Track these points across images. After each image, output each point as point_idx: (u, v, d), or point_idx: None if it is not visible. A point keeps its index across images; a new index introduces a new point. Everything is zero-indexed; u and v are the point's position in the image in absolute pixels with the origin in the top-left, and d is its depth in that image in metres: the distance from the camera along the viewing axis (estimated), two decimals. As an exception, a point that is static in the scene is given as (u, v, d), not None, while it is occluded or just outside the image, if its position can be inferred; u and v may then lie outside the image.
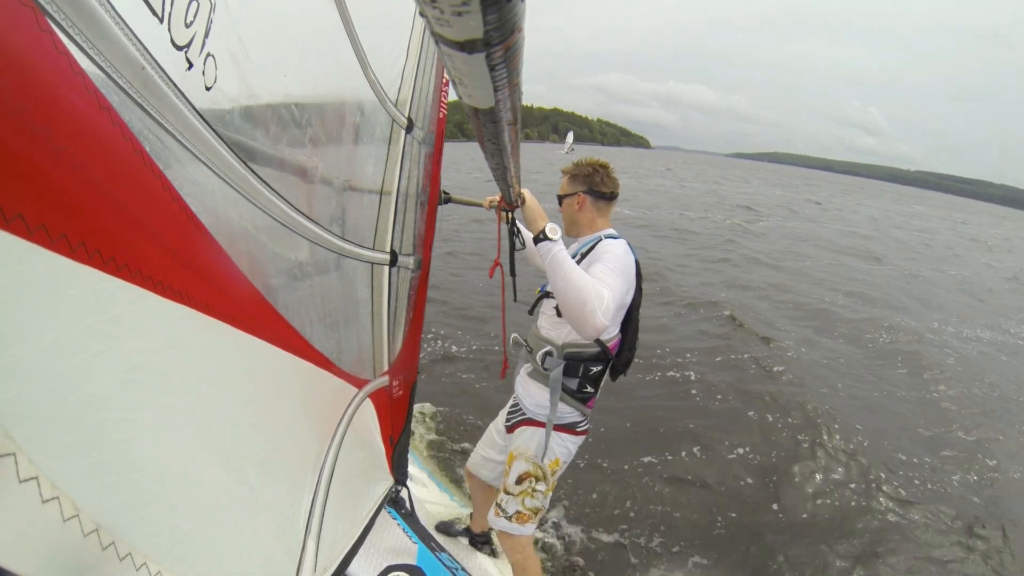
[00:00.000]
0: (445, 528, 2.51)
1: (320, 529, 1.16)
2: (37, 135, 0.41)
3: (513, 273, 1.97)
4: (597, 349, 1.72)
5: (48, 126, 0.43)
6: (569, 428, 1.80)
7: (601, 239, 1.70)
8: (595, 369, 1.76)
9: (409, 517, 2.37)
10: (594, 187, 1.72)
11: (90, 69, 0.49)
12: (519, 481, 1.81)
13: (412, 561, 2.09)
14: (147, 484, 0.59)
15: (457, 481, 3.20)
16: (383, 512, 2.29)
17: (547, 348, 1.75)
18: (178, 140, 0.65)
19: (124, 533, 0.54)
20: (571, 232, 1.80)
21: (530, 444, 1.81)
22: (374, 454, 1.94)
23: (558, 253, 1.48)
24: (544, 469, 1.80)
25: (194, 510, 0.70)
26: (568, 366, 1.73)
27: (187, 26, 0.63)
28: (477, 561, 2.47)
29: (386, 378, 1.93)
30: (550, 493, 1.86)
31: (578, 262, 1.64)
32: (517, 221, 1.87)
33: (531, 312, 1.93)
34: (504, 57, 0.42)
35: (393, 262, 1.72)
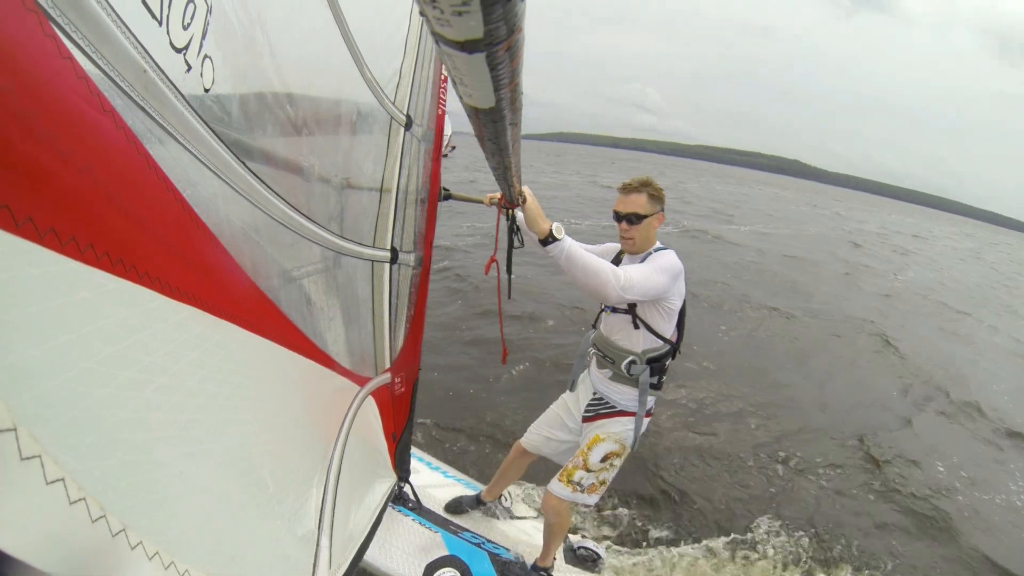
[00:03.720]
0: (455, 507, 2.61)
1: (332, 526, 1.17)
2: (44, 140, 0.42)
3: (509, 271, 1.99)
4: (668, 347, 2.01)
5: (54, 130, 0.43)
6: (648, 412, 2.14)
7: (651, 253, 1.94)
8: (668, 362, 2.07)
9: (419, 509, 2.40)
10: (664, 206, 1.96)
11: (93, 73, 0.49)
12: (603, 459, 2.09)
13: (443, 551, 2.14)
14: (167, 483, 0.60)
15: (443, 457, 3.26)
16: (396, 512, 2.32)
17: (631, 358, 2.00)
18: (179, 142, 0.66)
19: (145, 530, 0.54)
20: (641, 248, 1.97)
21: (622, 430, 2.09)
22: (377, 451, 1.95)
23: (571, 248, 1.60)
24: (627, 448, 2.11)
25: (212, 508, 0.71)
26: (651, 368, 2.01)
27: (184, 28, 0.63)
28: (498, 527, 2.58)
29: (388, 375, 1.94)
30: (617, 470, 2.16)
31: None
32: (517, 219, 1.87)
33: (595, 326, 2.21)
34: (505, 57, 0.42)
35: (394, 259, 1.73)
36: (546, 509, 2.20)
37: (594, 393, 2.18)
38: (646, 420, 2.11)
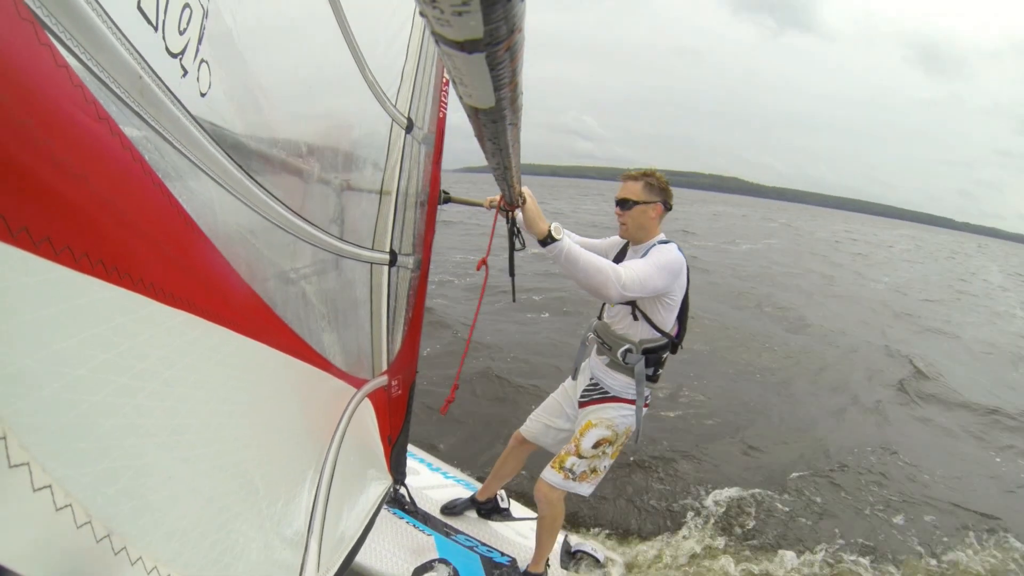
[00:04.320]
0: (450, 509, 2.59)
1: (322, 530, 1.17)
2: (39, 149, 0.42)
3: (512, 273, 1.99)
4: (666, 340, 2.02)
5: (49, 139, 0.43)
6: (645, 403, 2.13)
7: (656, 244, 1.94)
8: (665, 356, 2.08)
9: (414, 512, 2.39)
10: (667, 200, 1.97)
11: (88, 80, 0.49)
12: (595, 445, 2.10)
13: (434, 554, 2.13)
14: (155, 489, 0.60)
15: (441, 457, 3.26)
16: (390, 514, 2.31)
17: (627, 346, 2.02)
18: (176, 147, 0.65)
19: (131, 535, 0.54)
20: (637, 236, 2.01)
21: (614, 415, 2.10)
22: (373, 454, 1.94)
23: (570, 249, 1.61)
24: (619, 435, 2.11)
25: (201, 513, 0.71)
26: (647, 359, 2.02)
27: (180, 33, 0.63)
28: (492, 530, 2.56)
29: (385, 378, 1.93)
30: (612, 459, 2.16)
31: None
32: (517, 220, 1.87)
33: (600, 316, 2.20)
34: (505, 57, 0.42)
35: (392, 262, 1.72)
36: (538, 498, 2.18)
37: (591, 378, 2.20)
38: (643, 409, 2.12)
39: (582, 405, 2.21)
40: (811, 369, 6.49)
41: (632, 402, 2.10)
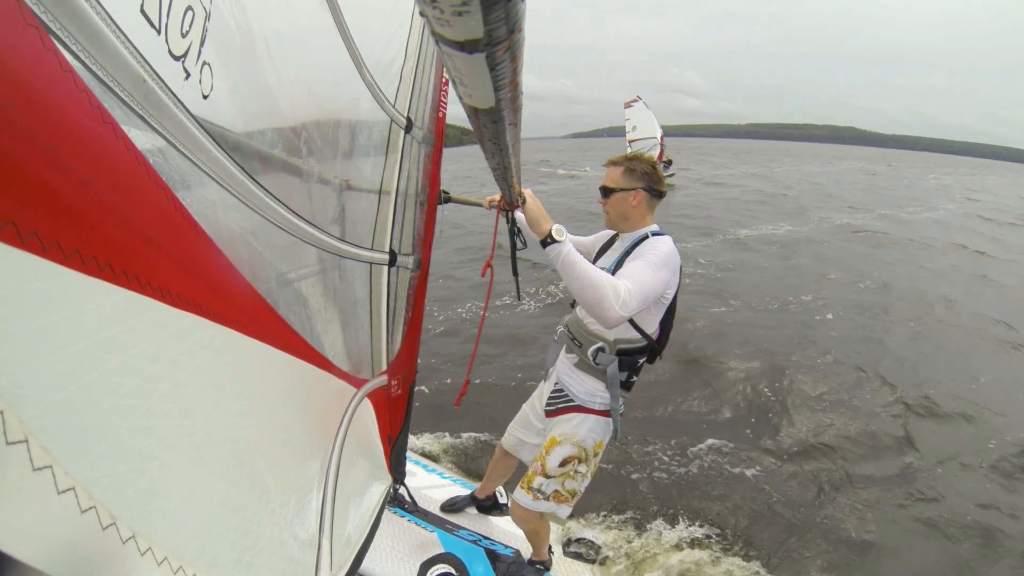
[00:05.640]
0: (451, 507, 2.60)
1: (332, 529, 1.17)
2: (47, 154, 0.42)
3: (516, 272, 1.99)
4: (645, 343, 1.79)
5: (56, 144, 0.43)
6: (614, 412, 1.88)
7: (648, 236, 1.75)
8: (641, 360, 1.85)
9: (415, 510, 2.41)
10: (652, 185, 1.76)
11: (93, 84, 0.49)
12: (563, 464, 1.87)
13: (438, 549, 2.15)
14: (173, 489, 0.60)
15: (436, 459, 3.26)
16: (391, 513, 2.32)
17: (599, 344, 1.80)
18: (179, 150, 0.66)
19: (154, 536, 0.55)
20: (620, 226, 1.83)
21: (579, 430, 1.86)
22: (373, 454, 1.95)
23: (568, 254, 1.49)
24: (588, 451, 1.87)
25: (217, 512, 0.71)
26: (621, 361, 1.79)
27: (183, 36, 0.63)
28: (493, 524, 2.58)
29: (384, 377, 1.94)
30: (590, 476, 1.92)
31: (623, 259, 1.73)
32: (517, 220, 1.88)
33: (573, 306, 1.97)
34: (505, 57, 0.42)
35: (392, 262, 1.73)
36: (514, 518, 2.06)
37: (556, 383, 1.98)
38: (614, 420, 1.90)
39: (548, 415, 1.99)
40: None
41: (600, 413, 1.86)
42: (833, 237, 12.30)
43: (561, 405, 1.94)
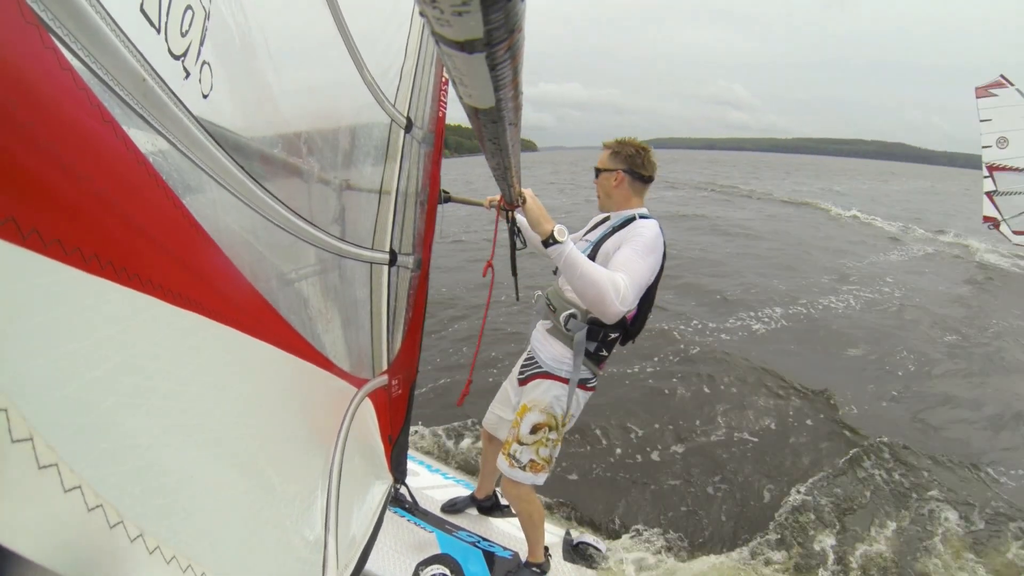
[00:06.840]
0: (451, 507, 2.59)
1: (337, 528, 1.17)
2: (47, 152, 0.42)
3: (515, 272, 1.99)
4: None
5: (56, 142, 0.43)
6: (582, 384, 1.93)
7: (635, 218, 1.79)
8: (612, 335, 1.88)
9: (415, 510, 2.41)
10: (634, 168, 1.82)
11: (92, 83, 0.49)
12: (534, 431, 1.92)
13: (436, 551, 2.15)
14: (178, 488, 0.60)
15: (442, 458, 3.24)
16: (391, 512, 2.33)
17: (571, 311, 1.84)
18: (179, 149, 0.66)
19: (162, 535, 0.55)
20: (606, 204, 1.90)
21: (546, 396, 1.91)
22: (375, 453, 1.95)
23: (571, 254, 1.55)
24: (557, 420, 1.92)
25: (223, 512, 0.71)
26: (590, 330, 1.84)
27: (183, 35, 0.63)
28: (493, 526, 2.57)
29: (385, 377, 1.94)
30: (559, 444, 1.97)
31: (609, 234, 1.80)
32: (517, 220, 1.88)
33: (555, 272, 1.95)
34: (505, 57, 0.42)
35: (392, 262, 1.73)
36: (507, 497, 2.11)
37: (528, 350, 2.04)
38: (580, 392, 1.93)
39: (521, 383, 2.03)
40: None
41: (565, 380, 1.89)
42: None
43: (530, 372, 1.99)
